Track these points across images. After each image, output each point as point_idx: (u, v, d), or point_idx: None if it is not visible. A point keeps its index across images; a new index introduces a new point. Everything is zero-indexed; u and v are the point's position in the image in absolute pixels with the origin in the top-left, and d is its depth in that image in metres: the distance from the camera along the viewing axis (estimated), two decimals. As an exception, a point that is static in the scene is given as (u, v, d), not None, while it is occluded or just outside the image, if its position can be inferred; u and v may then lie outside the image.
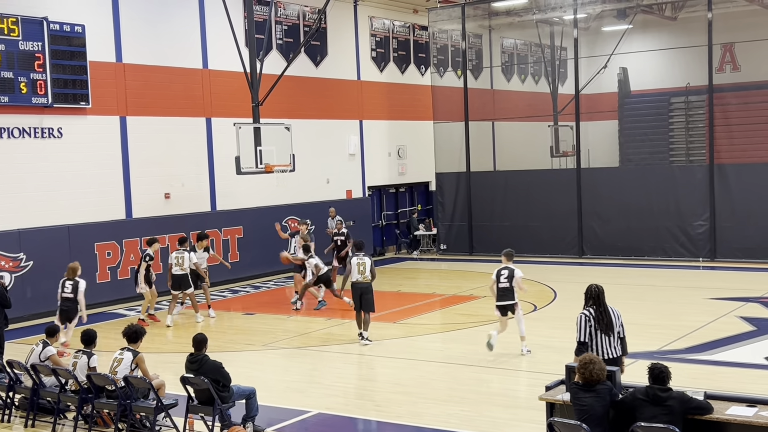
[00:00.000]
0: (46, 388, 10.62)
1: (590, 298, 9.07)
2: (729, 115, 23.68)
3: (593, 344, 8.84)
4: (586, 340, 8.86)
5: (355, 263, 14.64)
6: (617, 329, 8.97)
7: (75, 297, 14.29)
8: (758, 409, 7.29)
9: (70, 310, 14.34)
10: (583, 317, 8.96)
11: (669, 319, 15.58)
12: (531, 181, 25.37)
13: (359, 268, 14.52)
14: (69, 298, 14.31)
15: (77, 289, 14.29)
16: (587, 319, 8.92)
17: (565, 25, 27.77)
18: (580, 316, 8.99)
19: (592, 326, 8.88)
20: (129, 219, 19.74)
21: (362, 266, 14.52)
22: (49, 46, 17.71)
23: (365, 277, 14.49)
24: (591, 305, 9.02)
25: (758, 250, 21.86)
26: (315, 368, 13.33)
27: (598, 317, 8.91)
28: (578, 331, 8.92)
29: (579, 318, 8.98)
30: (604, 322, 8.90)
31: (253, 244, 22.17)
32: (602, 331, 8.87)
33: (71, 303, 14.31)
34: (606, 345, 8.86)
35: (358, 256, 14.73)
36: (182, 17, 20.98)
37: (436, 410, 10.60)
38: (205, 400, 9.53)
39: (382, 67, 27.33)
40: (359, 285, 14.50)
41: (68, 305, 14.33)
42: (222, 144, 21.23)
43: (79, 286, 14.32)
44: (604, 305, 9.03)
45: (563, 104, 27.52)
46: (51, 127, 18.18)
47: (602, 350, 8.81)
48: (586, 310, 9.01)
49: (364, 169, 26.52)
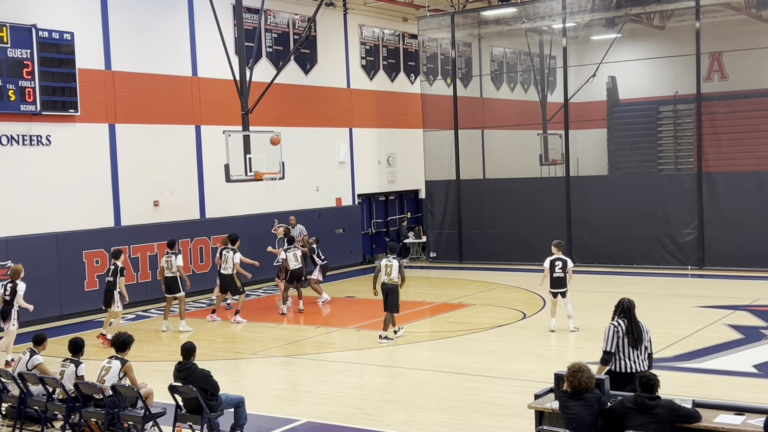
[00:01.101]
0: (34, 396, 10.55)
1: (621, 311, 9.16)
2: (717, 124, 23.80)
3: (621, 356, 8.87)
4: (612, 350, 8.87)
5: (384, 265, 15.31)
6: (645, 343, 9.04)
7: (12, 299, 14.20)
8: (746, 418, 7.31)
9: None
10: (612, 328, 9.00)
11: (657, 327, 15.46)
12: (520, 189, 25.43)
13: (386, 270, 15.23)
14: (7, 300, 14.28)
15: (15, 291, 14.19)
16: (616, 331, 8.96)
17: (554, 33, 27.86)
18: (608, 327, 9.02)
19: (620, 338, 8.91)
20: (118, 227, 19.67)
21: (389, 268, 15.20)
22: (38, 54, 17.65)
23: (391, 279, 15.16)
24: (621, 318, 9.09)
25: (746, 258, 21.95)
26: (304, 377, 13.30)
27: (629, 330, 8.96)
28: (605, 341, 8.93)
29: (608, 329, 9.00)
30: (633, 335, 8.94)
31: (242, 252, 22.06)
32: (630, 344, 8.90)
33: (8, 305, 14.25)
34: (634, 358, 8.89)
35: (388, 258, 15.39)
36: (171, 25, 20.97)
37: (425, 419, 10.59)
38: (193, 408, 9.49)
39: (372, 75, 27.37)
40: (386, 286, 15.20)
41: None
42: (211, 152, 21.20)
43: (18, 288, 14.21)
44: (635, 319, 9.11)
45: (552, 113, 27.60)
46: (39, 134, 18.12)
47: (630, 363, 8.85)
48: (615, 322, 9.08)
49: (353, 177, 26.52)
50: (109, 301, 15.82)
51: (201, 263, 20.92)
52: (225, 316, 18.27)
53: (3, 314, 14.24)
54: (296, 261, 18.49)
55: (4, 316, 14.22)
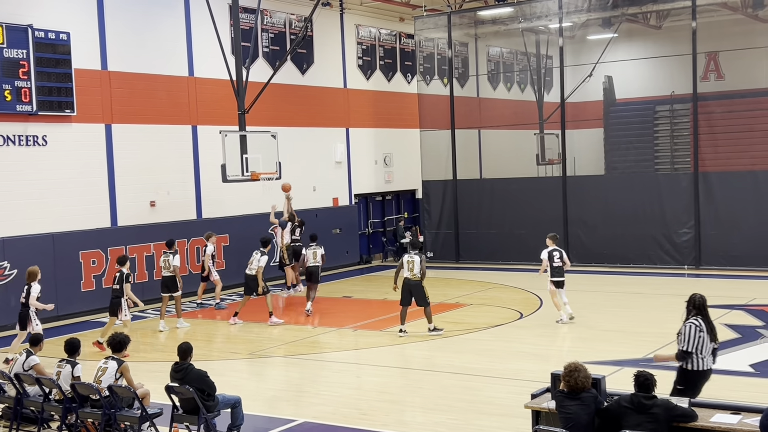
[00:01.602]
0: (30, 397, 10.54)
1: (695, 308, 8.93)
2: (713, 124, 23.84)
3: (699, 354, 8.69)
4: (692, 350, 8.69)
5: (406, 261, 15.52)
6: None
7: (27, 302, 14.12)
8: (742, 417, 7.32)
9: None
10: (693, 327, 8.77)
11: (654, 327, 15.60)
12: (517, 188, 25.44)
13: (408, 266, 15.39)
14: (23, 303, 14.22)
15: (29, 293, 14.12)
16: (698, 329, 8.75)
17: (550, 33, 27.87)
18: (689, 326, 8.78)
19: (702, 337, 8.72)
20: (114, 227, 19.65)
21: (411, 264, 15.37)
22: (34, 54, 17.63)
23: (414, 275, 15.32)
24: (696, 315, 8.87)
25: (742, 258, 21.98)
26: (301, 377, 13.29)
27: (708, 327, 8.79)
28: (687, 341, 8.70)
29: (688, 328, 8.77)
30: (711, 332, 8.78)
31: (239, 252, 22.07)
32: (709, 341, 8.73)
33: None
34: (708, 354, 8.74)
35: (410, 254, 15.62)
36: (168, 25, 20.95)
37: (422, 418, 10.59)
38: (190, 409, 9.48)
39: (369, 74, 27.36)
40: (409, 282, 15.35)
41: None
42: (208, 152, 21.19)
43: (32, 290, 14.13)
44: (708, 315, 8.92)
45: (549, 112, 27.61)
46: (35, 134, 18.09)
47: (707, 360, 8.71)
48: (695, 320, 8.83)
49: (350, 177, 26.52)
50: (115, 310, 15.28)
51: (197, 264, 20.90)
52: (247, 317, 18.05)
53: (21, 318, 14.15)
54: (314, 259, 18.48)
55: (22, 320, 14.13)
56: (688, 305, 9.02)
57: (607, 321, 16.57)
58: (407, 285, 15.41)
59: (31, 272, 14.31)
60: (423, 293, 15.39)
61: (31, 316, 14.06)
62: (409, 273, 15.37)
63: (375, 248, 27.97)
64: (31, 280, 14.20)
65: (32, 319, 14.07)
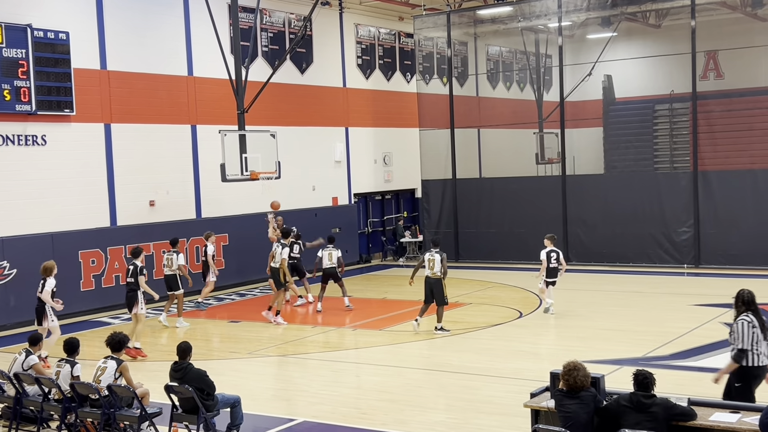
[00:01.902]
0: (29, 397, 10.54)
1: (744, 304, 8.76)
2: (713, 122, 23.85)
3: (756, 350, 8.53)
4: (747, 347, 8.54)
5: (426, 258, 15.69)
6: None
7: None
8: (741, 416, 7.33)
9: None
10: (745, 324, 8.59)
11: (654, 326, 15.63)
12: (517, 188, 25.43)
13: (429, 264, 15.56)
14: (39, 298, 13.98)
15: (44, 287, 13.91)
16: (751, 325, 8.58)
17: (549, 32, 27.87)
18: (741, 323, 8.62)
19: (756, 332, 8.54)
20: (113, 227, 19.65)
21: (432, 262, 15.51)
22: (33, 53, 17.62)
23: (434, 273, 15.48)
24: (745, 311, 8.70)
25: (742, 257, 21.98)
26: (300, 376, 13.30)
27: (759, 322, 8.61)
28: (741, 339, 8.53)
29: (741, 325, 8.60)
30: (763, 327, 8.59)
31: (238, 252, 22.12)
32: (761, 337, 8.54)
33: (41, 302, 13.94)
34: (762, 349, 8.54)
35: (431, 252, 15.71)
36: (167, 24, 20.94)
37: (422, 418, 10.59)
38: (189, 408, 9.49)
39: (368, 74, 27.36)
40: (429, 280, 15.54)
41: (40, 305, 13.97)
42: (207, 151, 21.19)
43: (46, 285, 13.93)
44: (758, 309, 8.74)
45: (548, 111, 27.60)
46: (35, 134, 18.09)
47: (762, 355, 8.52)
48: (746, 317, 8.65)
49: (350, 176, 26.52)
50: (131, 304, 14.99)
51: (197, 263, 20.89)
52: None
53: (37, 312, 13.96)
54: (330, 260, 18.44)
55: (38, 315, 13.94)
56: (737, 302, 8.81)
57: (606, 320, 16.57)
58: (427, 283, 15.60)
59: (47, 267, 14.07)
60: (442, 291, 15.50)
61: (47, 311, 13.86)
62: (429, 271, 15.55)
63: (374, 247, 27.98)
64: (47, 275, 13.97)
65: (48, 314, 13.87)
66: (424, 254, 16.07)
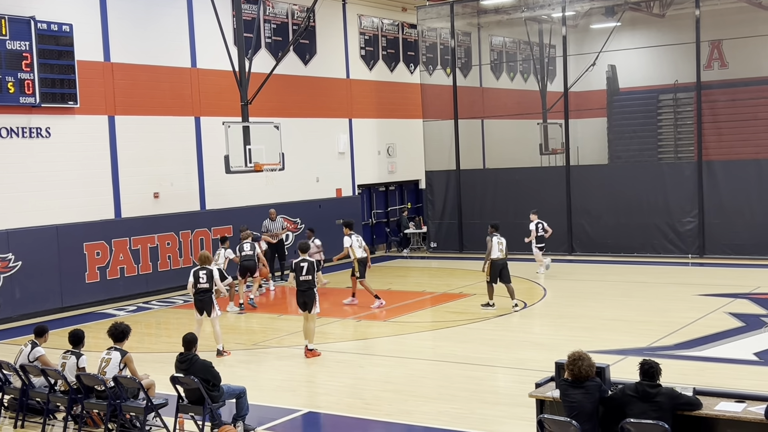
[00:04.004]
0: (36, 388, 10.58)
1: None
2: (717, 112, 23.78)
3: None
4: None
5: (496, 242, 16.79)
6: None
7: (210, 286, 13.73)
8: (747, 405, 7.32)
9: (205, 301, 13.80)
10: None
11: (658, 316, 15.62)
12: (520, 178, 25.41)
13: (499, 246, 16.75)
14: (204, 289, 13.74)
15: (212, 276, 13.73)
16: None
17: (553, 22, 27.80)
18: None
19: None
20: (118, 219, 19.68)
21: (502, 245, 16.80)
22: (37, 46, 17.62)
23: (504, 254, 16.82)
24: None
25: (746, 247, 21.96)
26: (305, 367, 13.32)
27: None
28: None
29: None
30: None
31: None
32: None
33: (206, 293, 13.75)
34: None
35: (498, 236, 16.86)
36: (170, 16, 20.91)
37: (426, 408, 10.61)
38: (195, 399, 9.51)
39: (371, 65, 27.32)
40: (500, 261, 16.73)
41: (203, 296, 13.78)
42: (211, 143, 21.19)
43: (214, 273, 13.80)
44: None
45: (552, 102, 27.57)
46: (39, 126, 18.10)
47: None
48: None
49: (353, 168, 26.51)
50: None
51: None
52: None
53: (203, 304, 13.85)
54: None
55: (205, 306, 13.86)
56: None
57: (611, 310, 16.57)
58: (497, 265, 16.69)
59: (205, 257, 14.02)
60: (508, 271, 16.97)
61: (213, 301, 13.80)
62: (500, 253, 16.72)
63: (378, 239, 27.98)
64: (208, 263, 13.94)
65: (214, 304, 13.81)
66: (492, 239, 16.86)
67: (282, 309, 18.26)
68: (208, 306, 13.76)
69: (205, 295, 13.73)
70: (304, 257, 13.87)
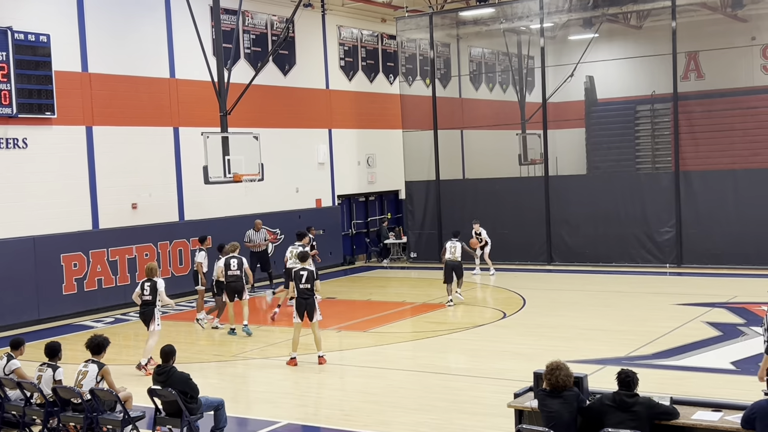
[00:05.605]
0: (11, 401, 10.48)
1: None
2: (694, 123, 23.98)
3: None
4: None
5: (449, 246, 18.49)
6: None
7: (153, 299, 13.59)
8: (723, 414, 7.37)
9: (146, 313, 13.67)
10: None
11: (636, 325, 15.70)
12: (500, 188, 25.49)
13: (451, 249, 18.40)
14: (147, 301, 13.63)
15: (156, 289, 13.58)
16: None
17: (532, 34, 27.95)
18: None
19: None
20: (96, 230, 19.55)
21: (454, 248, 18.40)
22: (14, 56, 17.50)
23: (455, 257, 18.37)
24: None
25: (723, 256, 22.12)
26: (284, 378, 13.27)
27: None
28: None
29: None
30: None
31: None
32: None
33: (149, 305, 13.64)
34: None
35: (451, 241, 18.57)
36: (149, 26, 20.86)
37: (405, 419, 10.60)
38: (173, 412, 9.45)
39: (351, 75, 27.36)
40: (450, 263, 18.26)
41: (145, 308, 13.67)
42: (190, 153, 21.11)
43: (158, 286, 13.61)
44: None
45: (531, 113, 27.69)
46: (16, 137, 17.97)
47: None
48: None
49: (333, 178, 26.50)
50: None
51: (180, 266, 20.83)
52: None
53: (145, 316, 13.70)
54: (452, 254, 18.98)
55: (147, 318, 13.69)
56: None
57: (589, 320, 16.64)
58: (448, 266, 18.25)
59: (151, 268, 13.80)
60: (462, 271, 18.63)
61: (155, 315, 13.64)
62: (452, 255, 18.32)
63: (359, 249, 27.97)
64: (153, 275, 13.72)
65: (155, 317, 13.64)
66: (447, 243, 18.73)
67: (261, 320, 18.17)
68: (149, 318, 13.67)
69: (147, 307, 13.67)
70: (303, 266, 13.92)
